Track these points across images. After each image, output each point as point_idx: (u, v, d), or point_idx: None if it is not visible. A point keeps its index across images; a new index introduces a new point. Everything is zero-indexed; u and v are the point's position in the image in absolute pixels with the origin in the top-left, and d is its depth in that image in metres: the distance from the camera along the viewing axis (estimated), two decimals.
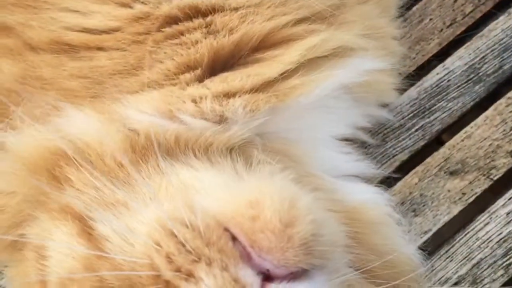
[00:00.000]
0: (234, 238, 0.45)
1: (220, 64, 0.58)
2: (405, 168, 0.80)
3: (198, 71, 0.57)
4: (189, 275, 0.44)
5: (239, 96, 0.56)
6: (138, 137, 0.53)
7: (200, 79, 0.57)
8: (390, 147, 0.81)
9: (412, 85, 0.82)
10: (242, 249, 0.45)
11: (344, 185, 0.64)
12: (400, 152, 0.81)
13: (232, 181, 0.51)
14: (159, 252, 0.45)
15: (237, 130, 0.56)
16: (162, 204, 0.49)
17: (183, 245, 0.44)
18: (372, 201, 0.65)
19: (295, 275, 0.46)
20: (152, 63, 0.56)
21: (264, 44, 0.59)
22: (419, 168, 0.80)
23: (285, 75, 0.58)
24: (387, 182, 0.77)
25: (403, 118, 0.82)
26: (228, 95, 0.56)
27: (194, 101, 0.56)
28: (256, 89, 0.57)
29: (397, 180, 0.79)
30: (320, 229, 0.47)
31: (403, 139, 0.81)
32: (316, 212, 0.48)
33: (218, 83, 0.56)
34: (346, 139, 0.70)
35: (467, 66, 0.83)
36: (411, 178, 0.79)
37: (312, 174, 0.61)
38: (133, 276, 0.46)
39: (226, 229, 0.45)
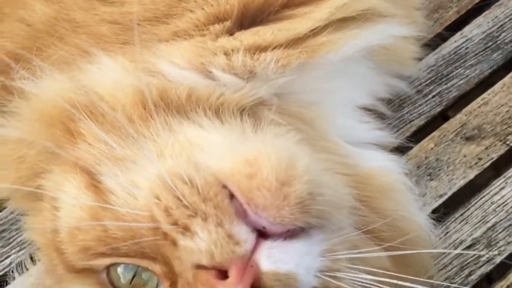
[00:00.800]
0: (231, 196, 0.46)
1: (249, 18, 0.58)
2: (421, 133, 0.81)
3: (228, 23, 0.56)
4: (186, 229, 0.45)
5: (271, 50, 0.56)
6: (151, 93, 0.53)
7: (230, 32, 0.57)
8: (406, 113, 0.81)
9: (430, 52, 0.82)
10: (238, 206, 0.45)
11: (358, 151, 0.65)
12: (416, 117, 0.81)
13: (236, 141, 0.52)
14: (159, 205, 0.46)
15: (254, 88, 0.56)
16: (166, 160, 0.50)
17: (181, 200, 0.45)
18: (386, 168, 0.65)
19: (292, 233, 0.46)
20: (183, 12, 0.56)
21: (294, 2, 0.59)
22: (435, 133, 0.80)
23: (315, 32, 0.58)
24: (403, 148, 0.77)
25: (420, 85, 0.82)
26: (260, 49, 0.56)
27: (226, 53, 0.56)
28: (287, 45, 0.57)
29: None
30: (319, 189, 0.47)
31: (420, 105, 0.82)
32: (315, 172, 0.48)
33: (249, 35, 0.56)
34: (366, 109, 0.70)
35: (485, 34, 0.83)
36: (427, 143, 0.80)
37: (326, 139, 0.62)
38: (135, 227, 0.47)
39: (224, 187, 0.46)
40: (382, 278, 0.50)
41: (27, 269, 0.66)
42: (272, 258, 0.44)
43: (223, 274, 0.44)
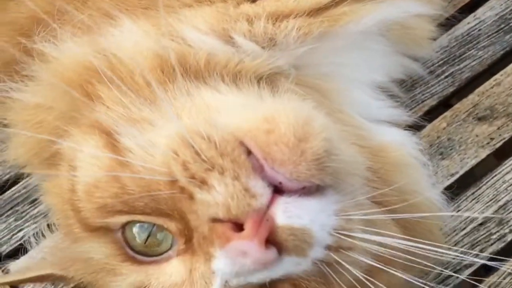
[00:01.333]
0: (248, 152, 0.46)
1: None
2: (433, 113, 0.81)
3: None
4: (203, 183, 0.45)
5: (293, 18, 0.56)
6: (170, 57, 0.53)
7: None
8: (419, 93, 0.82)
9: (443, 33, 0.83)
10: (255, 162, 0.46)
11: (373, 126, 0.65)
12: (429, 97, 0.82)
13: (254, 103, 0.52)
14: (176, 160, 0.46)
15: (272, 57, 0.57)
16: (184, 121, 0.50)
17: (199, 155, 0.45)
18: (400, 142, 0.65)
19: (307, 191, 0.46)
20: None
21: None
22: (447, 113, 0.81)
23: (337, 1, 0.58)
24: (416, 127, 0.77)
25: (433, 65, 0.82)
26: (282, 16, 0.56)
27: (248, 20, 0.56)
28: (309, 13, 0.57)
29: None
30: (335, 148, 0.47)
31: (432, 85, 0.82)
32: (332, 132, 0.48)
33: (272, 2, 0.56)
34: (380, 87, 0.70)
35: (498, 16, 0.84)
36: (440, 122, 0.80)
37: (341, 111, 0.62)
38: (151, 182, 0.47)
39: (242, 143, 0.46)
40: (394, 241, 0.50)
41: (44, 237, 0.66)
42: (288, 213, 0.45)
43: (238, 227, 0.44)
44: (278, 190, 0.46)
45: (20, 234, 0.80)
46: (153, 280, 0.50)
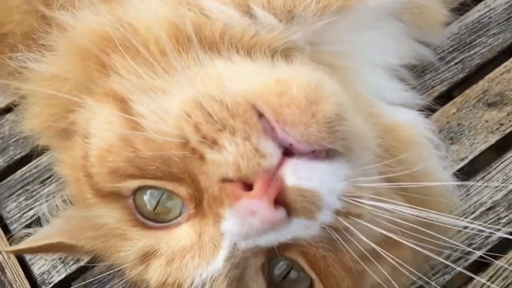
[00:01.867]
0: (260, 116, 0.46)
1: None
2: (443, 99, 0.81)
3: None
4: (214, 143, 0.45)
5: None
6: (185, 28, 0.54)
7: None
8: (429, 79, 0.82)
9: (455, 19, 0.83)
10: (266, 125, 0.45)
11: (385, 106, 0.65)
12: (439, 83, 0.82)
13: (266, 71, 0.52)
14: (189, 122, 0.46)
15: (289, 31, 0.56)
16: (197, 87, 0.50)
17: (211, 116, 0.46)
18: (412, 122, 0.65)
19: (317, 155, 0.46)
20: None
21: None
22: (457, 99, 0.81)
23: None
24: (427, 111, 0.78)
25: (443, 52, 0.83)
26: None
27: None
28: None
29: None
30: (345, 114, 0.47)
31: (442, 72, 0.82)
32: (344, 99, 0.48)
33: None
34: (393, 70, 0.70)
35: (508, 4, 0.84)
36: (449, 108, 0.80)
37: (355, 89, 0.62)
38: (163, 145, 0.48)
39: (253, 107, 0.46)
40: (403, 209, 0.50)
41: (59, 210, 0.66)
42: (297, 174, 0.45)
43: (248, 188, 0.44)
44: (288, 153, 0.46)
45: (31, 213, 0.81)
46: (162, 244, 0.50)
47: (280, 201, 0.44)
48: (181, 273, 0.49)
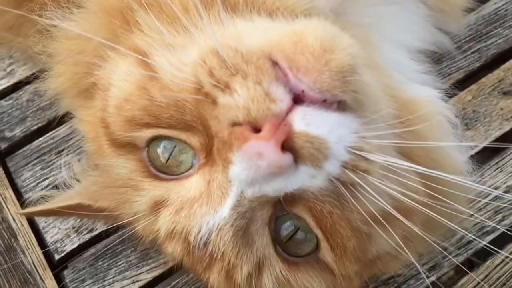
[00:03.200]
0: (274, 65, 0.46)
1: None
2: (459, 86, 0.82)
3: None
4: (226, 87, 0.46)
5: None
6: None
7: None
8: (445, 66, 0.83)
9: (470, 12, 0.84)
10: (279, 73, 0.46)
11: (404, 81, 0.65)
12: (455, 71, 0.83)
13: (284, 25, 0.52)
14: (203, 67, 0.47)
15: None
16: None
17: (225, 62, 0.46)
18: (432, 100, 0.65)
19: (328, 105, 0.46)
20: None
21: None
22: (473, 86, 0.82)
23: None
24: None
25: (459, 41, 0.84)
26: None
27: None
28: None
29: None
30: (359, 67, 0.47)
31: (459, 60, 0.84)
32: (358, 53, 0.48)
33: None
34: (415, 52, 0.70)
35: None
36: (465, 95, 0.82)
37: (373, 59, 0.61)
38: (179, 92, 0.48)
39: (268, 56, 0.47)
40: (411, 165, 0.50)
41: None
42: (306, 120, 0.45)
43: (257, 131, 0.45)
44: (298, 101, 0.46)
45: (46, 182, 0.81)
46: (172, 194, 0.51)
47: (288, 147, 0.45)
48: (188, 221, 0.50)
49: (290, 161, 0.45)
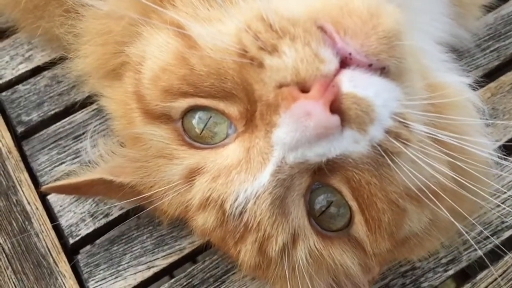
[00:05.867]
0: (321, 30, 0.46)
1: None
2: (478, 83, 0.82)
3: None
4: (273, 50, 0.46)
5: None
6: None
7: None
8: (464, 64, 0.83)
9: (488, 11, 0.85)
10: (326, 37, 0.46)
11: (435, 66, 0.65)
12: (474, 69, 0.83)
13: None
14: (248, 32, 0.47)
15: None
16: None
17: (271, 26, 0.47)
18: (459, 85, 0.65)
19: (373, 70, 0.46)
20: None
21: None
22: (492, 84, 0.82)
23: None
24: None
25: (479, 40, 0.85)
26: None
27: None
28: None
29: None
30: (403, 34, 0.47)
31: (478, 58, 0.84)
32: (403, 20, 0.48)
33: None
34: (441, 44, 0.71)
35: None
36: (484, 92, 0.82)
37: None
38: (221, 58, 0.48)
39: (314, 21, 0.47)
40: (449, 135, 0.50)
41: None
42: (353, 82, 0.45)
43: (304, 92, 0.45)
44: (344, 65, 0.46)
45: (61, 167, 0.81)
46: (209, 162, 0.51)
47: (335, 109, 0.45)
48: (226, 188, 0.50)
49: (338, 122, 0.45)
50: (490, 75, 0.84)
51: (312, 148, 0.46)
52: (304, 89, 0.45)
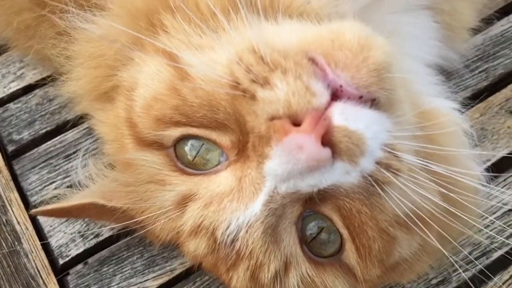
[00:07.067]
0: (312, 62, 0.47)
1: None
2: (466, 104, 0.83)
3: None
4: (265, 82, 0.46)
5: None
6: None
7: None
8: (453, 84, 0.84)
9: (478, 32, 0.86)
10: (317, 70, 0.46)
11: (423, 92, 0.66)
12: (463, 89, 0.84)
13: (316, 26, 0.53)
14: (240, 65, 0.48)
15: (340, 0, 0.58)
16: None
17: (262, 59, 0.47)
18: (448, 110, 0.66)
19: (363, 102, 0.47)
20: None
21: None
22: (481, 105, 0.83)
23: None
24: None
25: (467, 60, 0.86)
26: None
27: None
28: None
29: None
30: (393, 66, 0.48)
31: (467, 79, 0.85)
32: (393, 51, 0.49)
33: None
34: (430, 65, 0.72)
35: None
36: (473, 113, 0.83)
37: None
38: (213, 90, 0.49)
39: (305, 53, 0.47)
40: (439, 166, 0.50)
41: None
42: (344, 115, 0.46)
43: (296, 125, 0.45)
44: (335, 97, 0.47)
45: (52, 186, 0.80)
46: (201, 188, 0.51)
47: (326, 141, 0.45)
48: (217, 216, 0.50)
49: (329, 155, 0.45)
50: (479, 96, 0.84)
51: (304, 180, 0.46)
52: (296, 122, 0.45)
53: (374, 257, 0.50)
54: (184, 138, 0.52)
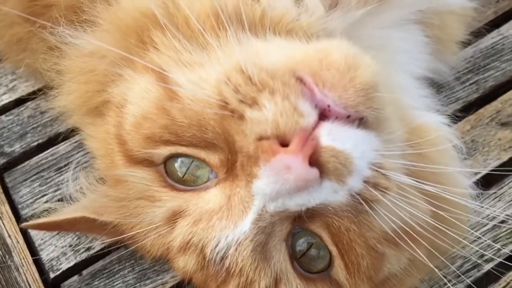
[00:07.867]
0: (299, 82, 0.47)
1: None
2: (457, 117, 0.84)
3: None
4: (253, 103, 0.47)
5: None
6: (226, 7, 0.55)
7: None
8: (444, 97, 0.85)
9: (468, 45, 0.87)
10: (305, 89, 0.47)
11: (413, 107, 0.66)
12: (453, 101, 0.85)
13: (304, 45, 0.54)
14: (228, 85, 0.48)
15: (329, 17, 0.58)
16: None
17: (250, 79, 0.47)
18: (437, 124, 0.67)
19: (351, 121, 0.47)
20: None
21: None
22: (471, 117, 0.84)
23: None
24: None
25: (458, 72, 0.86)
26: None
27: None
28: None
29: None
30: (380, 86, 0.48)
31: (457, 91, 0.86)
32: (380, 71, 0.49)
33: None
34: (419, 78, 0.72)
35: None
36: (464, 125, 0.83)
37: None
38: (201, 110, 0.49)
39: (293, 72, 0.47)
40: (429, 185, 0.51)
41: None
42: (332, 135, 0.46)
43: (283, 146, 0.45)
44: (322, 117, 0.47)
45: (43, 199, 0.80)
46: (191, 205, 0.51)
47: (314, 161, 0.45)
48: (206, 233, 0.50)
49: (317, 175, 0.45)
50: (470, 108, 0.85)
51: (292, 199, 0.46)
52: (284, 142, 0.45)
53: (363, 274, 0.50)
54: (174, 156, 0.53)
